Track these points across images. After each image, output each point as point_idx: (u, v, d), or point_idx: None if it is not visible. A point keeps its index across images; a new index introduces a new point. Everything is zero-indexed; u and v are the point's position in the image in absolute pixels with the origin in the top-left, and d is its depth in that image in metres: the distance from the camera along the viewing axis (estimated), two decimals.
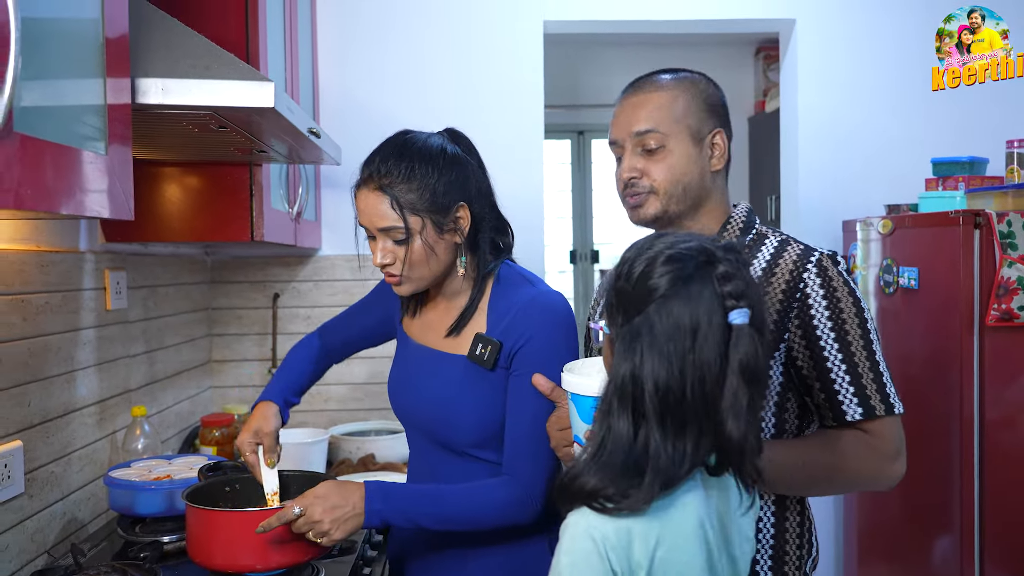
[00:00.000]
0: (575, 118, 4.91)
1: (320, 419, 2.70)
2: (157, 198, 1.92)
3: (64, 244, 1.74)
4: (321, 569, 1.48)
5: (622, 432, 0.98)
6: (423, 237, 1.38)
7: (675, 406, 0.97)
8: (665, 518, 0.99)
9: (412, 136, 1.43)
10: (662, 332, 0.98)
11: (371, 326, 1.69)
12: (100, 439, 1.88)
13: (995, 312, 2.06)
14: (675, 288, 0.99)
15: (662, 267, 1.00)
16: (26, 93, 0.92)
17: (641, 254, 1.04)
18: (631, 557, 0.98)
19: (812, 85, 2.81)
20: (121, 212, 1.16)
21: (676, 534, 1.00)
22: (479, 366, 1.42)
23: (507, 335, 1.41)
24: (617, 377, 0.99)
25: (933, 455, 2.25)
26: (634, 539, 0.98)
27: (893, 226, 2.41)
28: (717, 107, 1.39)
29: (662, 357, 0.97)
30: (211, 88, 1.23)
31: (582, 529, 0.98)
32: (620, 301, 1.03)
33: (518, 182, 2.65)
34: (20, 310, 1.56)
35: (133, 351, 2.07)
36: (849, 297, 1.28)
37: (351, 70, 2.69)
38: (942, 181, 2.47)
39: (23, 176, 0.89)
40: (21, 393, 1.55)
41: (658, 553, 0.98)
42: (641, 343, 0.98)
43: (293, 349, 1.72)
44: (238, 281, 2.71)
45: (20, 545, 1.54)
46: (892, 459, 1.26)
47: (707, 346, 0.98)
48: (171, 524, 1.71)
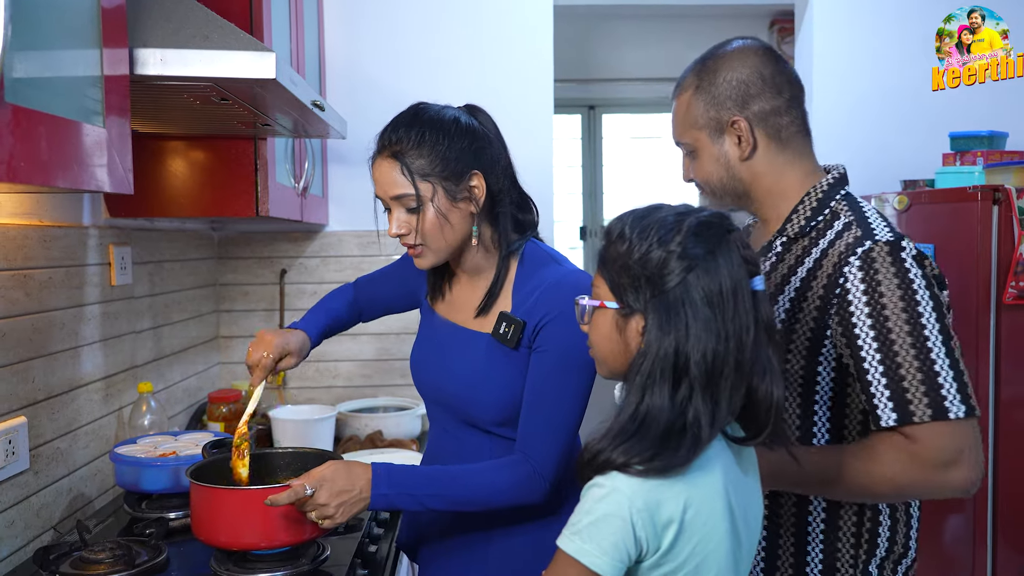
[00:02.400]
0: (586, 92, 4.85)
1: (328, 396, 2.69)
2: (161, 173, 1.90)
3: (67, 219, 1.73)
4: (327, 547, 1.47)
5: (661, 403, 0.99)
6: (435, 204, 1.36)
7: (718, 372, 0.99)
8: (694, 481, 1.00)
9: (425, 106, 1.42)
10: (703, 300, 0.99)
11: (396, 295, 1.67)
12: (106, 415, 1.87)
13: (1012, 290, 2.02)
14: (712, 255, 1.00)
15: (693, 237, 1.01)
16: (19, 64, 0.90)
17: (653, 227, 1.02)
18: (657, 520, 0.98)
19: (827, 59, 2.76)
20: (120, 186, 1.13)
21: (704, 496, 1.01)
22: (503, 344, 1.40)
23: (531, 314, 1.39)
24: (659, 350, 0.99)
25: None
26: (664, 502, 0.98)
27: (909, 202, 2.37)
28: (732, 92, 1.31)
29: (708, 325, 0.99)
30: (211, 58, 1.20)
31: (608, 490, 0.98)
32: (639, 276, 1.02)
33: (527, 157, 2.57)
34: (23, 285, 1.54)
35: (139, 327, 2.06)
36: (898, 290, 1.17)
37: (359, 45, 2.65)
38: (960, 156, 2.42)
39: (16, 148, 0.87)
40: (25, 369, 1.54)
41: (688, 514, 0.99)
42: (683, 313, 0.99)
43: (332, 294, 1.70)
44: (245, 257, 2.69)
45: (26, 521, 1.54)
46: (940, 467, 1.15)
47: (742, 309, 1.00)
48: (177, 500, 1.70)
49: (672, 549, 0.99)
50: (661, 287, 1.00)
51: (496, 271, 1.45)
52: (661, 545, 0.99)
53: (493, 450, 1.44)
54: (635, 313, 1.03)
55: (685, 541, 1.00)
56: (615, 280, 1.05)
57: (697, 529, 1.00)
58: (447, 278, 1.53)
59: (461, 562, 1.49)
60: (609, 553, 0.96)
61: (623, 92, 4.87)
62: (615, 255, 1.05)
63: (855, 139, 2.76)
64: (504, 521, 1.43)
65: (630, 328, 1.04)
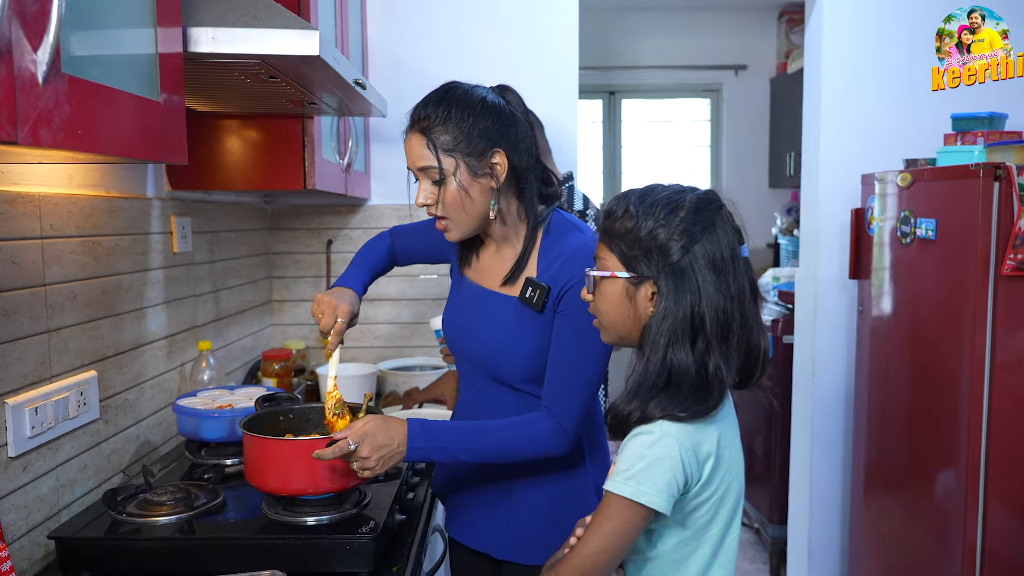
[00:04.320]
0: (607, 79, 4.74)
1: (369, 355, 2.67)
2: (218, 149, 1.85)
3: (132, 191, 1.69)
4: (368, 493, 1.44)
5: (684, 358, 1.03)
6: (457, 178, 1.32)
7: (727, 327, 1.04)
8: (720, 419, 1.07)
9: (456, 85, 1.37)
10: (708, 265, 1.03)
11: (429, 251, 1.62)
12: (169, 370, 1.85)
13: (1011, 262, 1.93)
14: (712, 227, 1.05)
15: (695, 211, 1.05)
16: (77, 41, 0.85)
17: (659, 204, 1.06)
18: (700, 456, 1.04)
19: (836, 44, 2.64)
20: (175, 156, 1.08)
21: (728, 428, 1.09)
22: (529, 308, 1.36)
23: (556, 279, 1.36)
24: (678, 312, 1.02)
25: (942, 396, 2.14)
26: (703, 440, 1.04)
27: (912, 179, 2.26)
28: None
29: (717, 287, 1.03)
30: (259, 36, 1.14)
31: (658, 435, 1.02)
32: (649, 247, 1.05)
33: (554, 140, 2.54)
34: (92, 251, 1.51)
35: (199, 291, 2.03)
36: None
37: (396, 31, 2.58)
38: (961, 136, 2.31)
39: (73, 117, 0.82)
40: (95, 327, 1.52)
41: (721, 443, 1.06)
42: (694, 278, 1.03)
43: (368, 245, 1.65)
44: (295, 228, 2.66)
45: (97, 465, 1.53)
46: None
47: (738, 272, 1.05)
48: (232, 449, 1.68)
49: (710, 479, 1.06)
50: (671, 257, 1.03)
51: (524, 242, 1.41)
52: (702, 476, 1.05)
53: (520, 406, 1.41)
54: (645, 281, 1.06)
55: (719, 470, 1.07)
56: (625, 252, 1.07)
57: (725, 459, 1.07)
58: (476, 246, 1.49)
59: (486, 508, 1.46)
60: (664, 491, 1.01)
61: (641, 79, 4.76)
62: (623, 230, 1.07)
63: (860, 120, 2.65)
64: (527, 471, 1.40)
65: (640, 295, 1.07)
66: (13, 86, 0.72)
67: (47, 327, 1.36)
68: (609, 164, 4.95)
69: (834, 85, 2.65)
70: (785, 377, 3.08)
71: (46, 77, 0.76)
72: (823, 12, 2.64)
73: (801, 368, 2.87)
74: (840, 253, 2.70)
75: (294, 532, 1.31)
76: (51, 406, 1.34)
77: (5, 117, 0.71)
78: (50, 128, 0.78)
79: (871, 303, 2.53)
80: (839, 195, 2.69)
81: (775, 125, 4.60)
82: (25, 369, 1.30)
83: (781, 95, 4.45)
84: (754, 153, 4.71)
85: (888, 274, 2.44)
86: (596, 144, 4.94)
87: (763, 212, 4.52)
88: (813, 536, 2.84)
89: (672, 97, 4.91)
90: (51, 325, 1.37)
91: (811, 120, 2.78)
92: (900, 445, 2.37)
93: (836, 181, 2.69)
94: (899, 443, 2.37)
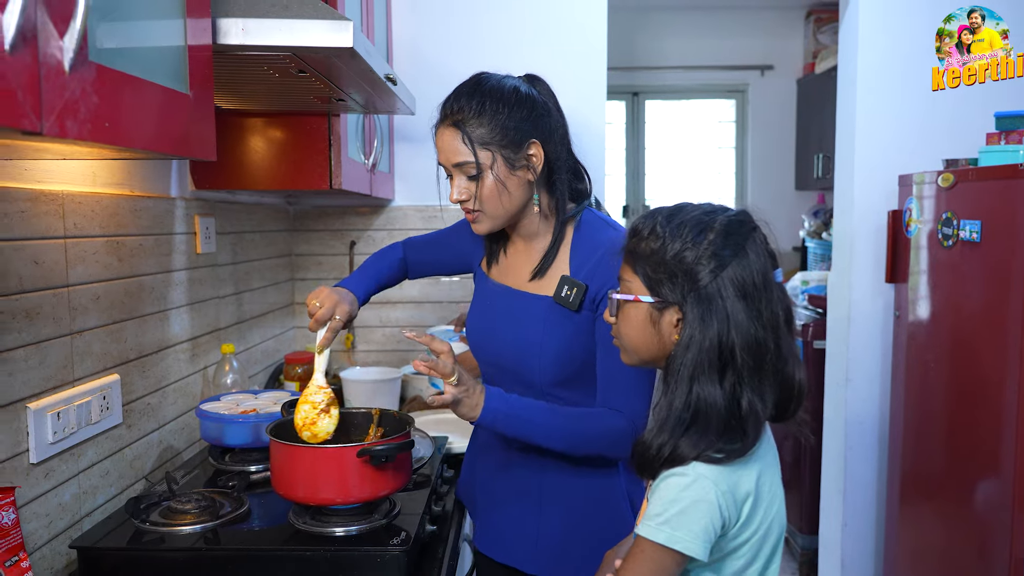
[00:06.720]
0: (631, 79, 4.68)
1: (393, 359, 2.63)
2: (242, 148, 1.82)
3: (156, 190, 1.65)
4: (398, 503, 1.39)
5: (712, 392, 0.95)
6: (494, 172, 1.27)
7: (760, 359, 0.96)
8: (759, 455, 1.00)
9: (487, 75, 1.32)
10: (738, 292, 0.96)
11: (448, 260, 1.57)
12: (192, 374, 1.81)
13: None
14: (743, 251, 0.97)
15: (725, 234, 0.98)
16: (104, 30, 0.80)
17: (687, 225, 0.99)
18: (737, 497, 0.97)
19: (871, 42, 2.57)
20: (204, 152, 1.04)
21: (767, 466, 1.02)
22: (564, 307, 1.30)
23: (592, 277, 1.30)
24: (704, 341, 0.95)
25: (985, 403, 2.06)
26: (741, 480, 0.97)
27: (955, 180, 2.19)
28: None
29: (748, 314, 0.95)
30: (290, 27, 1.10)
31: (692, 478, 0.94)
32: (675, 272, 0.98)
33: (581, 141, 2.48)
34: (116, 251, 1.47)
35: (222, 292, 1.99)
36: None
37: (422, 28, 2.54)
38: (1005, 135, 2.23)
39: (101, 108, 0.78)
40: (119, 330, 1.48)
41: (761, 481, 0.99)
42: (723, 305, 0.95)
43: (379, 254, 1.59)
44: (318, 229, 2.62)
45: (120, 471, 1.49)
46: None
47: (772, 299, 0.98)
48: (257, 455, 1.64)
49: (750, 519, 0.98)
50: (698, 282, 0.96)
51: (553, 236, 1.35)
52: (740, 517, 0.97)
53: None
54: (670, 306, 0.99)
55: (759, 509, 0.99)
56: (650, 275, 1.00)
57: (765, 495, 1.00)
58: (503, 243, 1.43)
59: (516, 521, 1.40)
60: (700, 537, 0.93)
61: (665, 79, 4.69)
62: (648, 251, 1.00)
63: (897, 120, 2.57)
64: (558, 478, 1.35)
65: (664, 321, 1.00)
66: (38, 73, 0.67)
67: (70, 329, 1.32)
68: (632, 165, 4.89)
69: (869, 85, 2.58)
70: (816, 383, 3.01)
71: (73, 64, 0.72)
72: (858, 10, 2.57)
73: (834, 374, 2.80)
74: (875, 256, 2.62)
75: (322, 543, 1.26)
76: (74, 411, 1.30)
77: (30, 106, 0.66)
78: (76, 119, 0.74)
79: (908, 307, 2.46)
80: (874, 197, 2.62)
81: (802, 126, 4.51)
82: (47, 372, 1.26)
83: (809, 96, 4.37)
84: (780, 155, 4.62)
85: (927, 278, 2.36)
86: (619, 146, 4.87)
87: (790, 215, 4.44)
88: (846, 547, 2.76)
89: (696, 98, 4.84)
90: (74, 327, 1.33)
91: (845, 121, 2.71)
92: (939, 454, 2.29)
93: (871, 183, 2.61)
94: (938, 452, 2.29)
